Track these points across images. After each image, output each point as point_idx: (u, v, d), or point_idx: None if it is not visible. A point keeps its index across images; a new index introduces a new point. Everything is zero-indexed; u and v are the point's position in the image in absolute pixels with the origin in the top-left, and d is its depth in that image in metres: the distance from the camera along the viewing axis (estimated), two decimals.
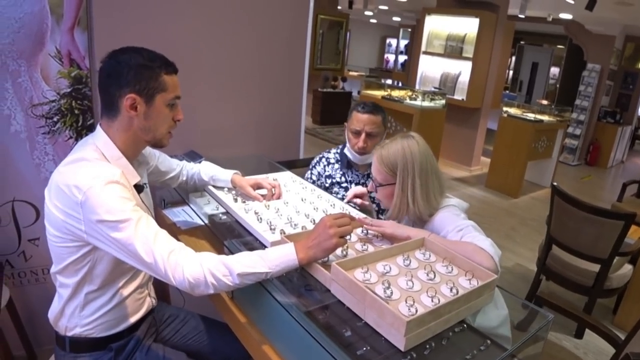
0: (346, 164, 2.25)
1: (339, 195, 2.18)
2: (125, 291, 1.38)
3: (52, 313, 1.37)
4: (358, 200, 1.92)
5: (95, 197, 1.14)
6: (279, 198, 1.82)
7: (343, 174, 2.25)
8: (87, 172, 1.19)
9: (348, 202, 1.91)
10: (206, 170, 1.87)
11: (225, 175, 1.86)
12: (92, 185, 1.15)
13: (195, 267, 1.14)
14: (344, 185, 2.24)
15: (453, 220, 1.48)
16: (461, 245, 1.37)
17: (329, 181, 2.27)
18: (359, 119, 2.11)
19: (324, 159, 2.33)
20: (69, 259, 1.25)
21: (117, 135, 1.30)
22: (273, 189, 1.83)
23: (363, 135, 2.10)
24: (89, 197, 1.14)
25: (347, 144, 2.22)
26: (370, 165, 2.18)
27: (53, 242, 1.26)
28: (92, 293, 1.31)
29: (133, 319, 1.42)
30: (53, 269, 1.31)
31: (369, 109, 2.11)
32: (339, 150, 2.32)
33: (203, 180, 1.86)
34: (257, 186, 1.84)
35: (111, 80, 1.25)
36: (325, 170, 2.29)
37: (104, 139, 1.30)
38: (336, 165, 2.28)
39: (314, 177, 2.30)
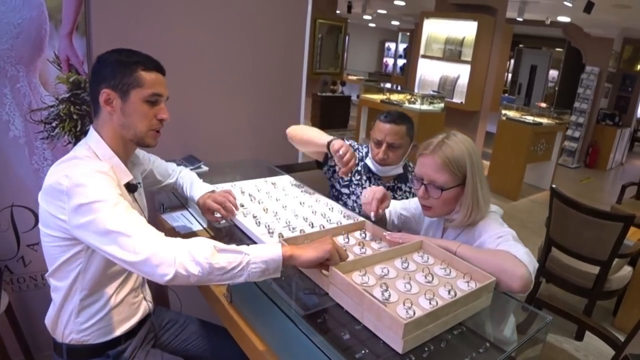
0: (369, 170, 2.14)
1: (358, 200, 2.12)
2: (119, 295, 1.38)
3: (48, 319, 1.37)
4: (383, 205, 1.62)
5: (78, 183, 1.14)
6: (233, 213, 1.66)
7: (367, 179, 2.14)
8: (76, 166, 1.21)
9: (366, 210, 1.62)
10: (185, 190, 1.77)
11: (194, 196, 1.72)
12: (79, 173, 1.16)
13: (169, 252, 1.06)
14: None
15: (495, 227, 1.43)
16: (493, 253, 1.32)
17: (357, 176, 2.15)
18: (381, 129, 2.01)
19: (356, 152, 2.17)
20: (61, 258, 1.26)
21: (104, 132, 1.32)
22: (218, 213, 1.64)
23: (384, 146, 2.00)
24: (73, 184, 1.14)
25: (370, 154, 2.12)
26: (394, 177, 2.10)
27: (46, 242, 1.27)
28: (85, 298, 1.31)
29: (130, 324, 1.42)
30: (48, 273, 1.32)
31: (391, 117, 2.00)
32: (365, 151, 2.19)
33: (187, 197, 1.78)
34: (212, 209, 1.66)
35: (93, 79, 1.30)
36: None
37: (96, 138, 1.32)
38: (360, 164, 2.16)
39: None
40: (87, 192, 1.13)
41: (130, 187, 1.39)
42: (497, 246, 1.35)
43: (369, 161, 2.12)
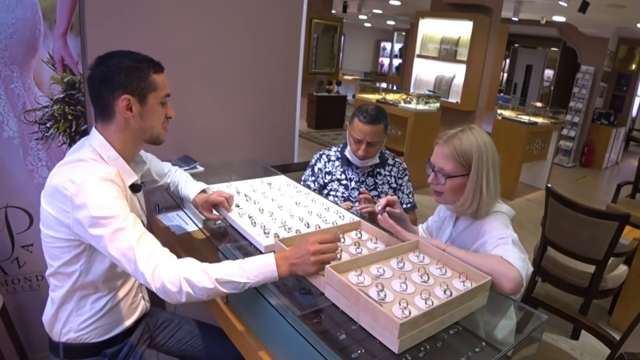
0: (346, 162, 2.24)
1: (338, 192, 2.20)
2: (119, 294, 1.38)
3: (46, 318, 1.37)
4: (392, 210, 1.73)
5: (86, 191, 1.15)
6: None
7: (343, 172, 2.24)
8: (82, 170, 1.21)
9: (380, 210, 1.71)
10: (180, 188, 1.78)
11: (189, 194, 1.75)
12: (85, 179, 1.17)
13: (172, 273, 1.12)
14: (344, 182, 2.22)
15: (500, 229, 1.46)
16: (484, 257, 1.35)
17: (328, 177, 2.25)
18: (361, 129, 2.06)
19: (324, 156, 2.30)
20: (62, 259, 1.26)
21: (115, 137, 1.32)
22: (215, 211, 1.71)
23: (364, 145, 2.08)
24: (80, 191, 1.15)
25: (348, 147, 2.19)
26: (371, 166, 2.21)
27: (47, 243, 1.27)
28: (85, 297, 1.31)
29: (127, 323, 1.42)
30: (47, 272, 1.32)
31: (371, 118, 2.05)
32: (339, 149, 2.30)
33: (182, 195, 1.79)
34: (213, 205, 1.71)
35: (103, 85, 1.26)
36: (325, 167, 2.27)
37: (100, 140, 1.31)
38: (337, 163, 2.26)
39: (314, 174, 2.27)
40: (95, 204, 1.15)
41: (135, 188, 1.40)
42: (495, 247, 1.38)
43: (347, 154, 2.21)
